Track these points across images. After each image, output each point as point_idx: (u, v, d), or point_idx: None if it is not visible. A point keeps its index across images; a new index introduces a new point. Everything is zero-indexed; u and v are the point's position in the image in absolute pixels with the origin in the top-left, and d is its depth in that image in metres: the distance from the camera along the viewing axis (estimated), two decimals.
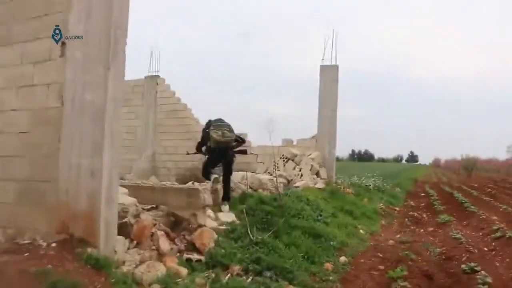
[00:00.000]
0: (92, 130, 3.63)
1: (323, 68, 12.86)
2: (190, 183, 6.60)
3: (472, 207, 11.47)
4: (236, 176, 7.47)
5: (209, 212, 5.40)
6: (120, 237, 3.89)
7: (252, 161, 12.32)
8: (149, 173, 13.13)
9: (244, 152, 8.00)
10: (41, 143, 3.92)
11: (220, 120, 6.65)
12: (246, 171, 8.75)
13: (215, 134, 6.34)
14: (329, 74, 12.70)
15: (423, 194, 17.51)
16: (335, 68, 12.80)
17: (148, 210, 4.98)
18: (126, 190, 4.52)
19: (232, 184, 6.74)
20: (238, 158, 12.07)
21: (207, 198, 4.92)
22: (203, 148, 6.88)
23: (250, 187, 7.32)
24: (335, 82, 12.79)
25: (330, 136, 12.70)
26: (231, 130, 6.57)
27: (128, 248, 4.08)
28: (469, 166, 37.44)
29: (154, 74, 14.03)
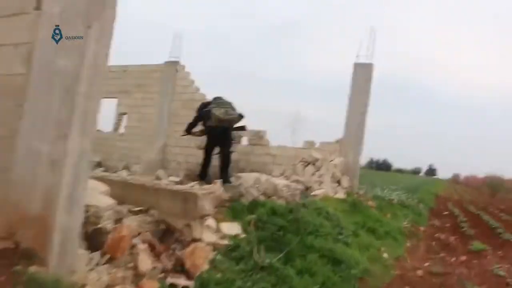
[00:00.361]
0: (58, 106, 2.73)
1: (357, 66, 11.72)
2: (193, 184, 5.67)
3: (507, 234, 10.29)
4: (247, 178, 6.53)
5: (210, 221, 4.45)
6: (84, 251, 2.99)
7: (269, 162, 11.35)
8: (158, 165, 12.30)
9: (242, 128, 7.51)
10: (1, 121, 3.05)
11: (220, 98, 6.04)
12: (261, 173, 7.84)
13: (217, 112, 5.74)
14: (362, 73, 11.55)
15: (446, 213, 16.25)
16: (369, 66, 11.68)
17: (136, 213, 4.09)
18: (106, 188, 3.61)
19: (232, 180, 6.00)
20: (254, 158, 11.30)
21: (207, 205, 3.97)
22: (197, 129, 6.38)
23: (263, 193, 6.35)
24: (368, 82, 11.67)
25: (357, 141, 11.59)
26: (233, 108, 5.95)
27: (97, 264, 3.18)
28: (495, 185, 35.42)
29: (174, 59, 13.12)
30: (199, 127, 6.82)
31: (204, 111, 6.17)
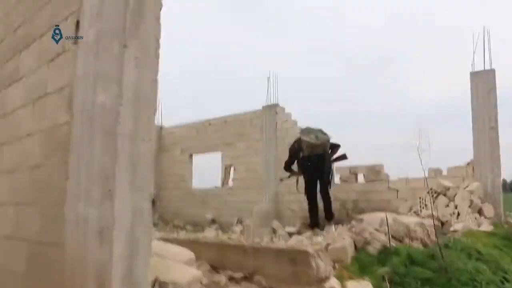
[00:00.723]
0: (101, 154, 2.06)
1: (475, 75, 10.08)
2: (307, 234, 4.73)
3: None
4: (371, 220, 5.44)
5: (332, 283, 3.46)
6: None
7: (391, 198, 9.98)
8: (272, 216, 11.50)
9: (343, 157, 7.35)
10: (51, 182, 2.48)
11: (307, 127, 5.92)
12: (385, 211, 6.65)
13: (307, 138, 5.64)
14: (483, 82, 9.87)
15: None
16: (491, 73, 9.92)
17: (238, 281, 3.27)
18: (191, 256, 2.85)
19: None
20: (373, 195, 10.05)
21: (323, 265, 2.99)
22: (295, 167, 6.59)
23: (393, 237, 5.18)
24: (493, 91, 9.90)
25: (492, 160, 9.75)
26: (324, 133, 6.08)
27: None
28: None
29: (272, 103, 12.56)
30: (296, 168, 6.57)
31: (296, 145, 5.95)
